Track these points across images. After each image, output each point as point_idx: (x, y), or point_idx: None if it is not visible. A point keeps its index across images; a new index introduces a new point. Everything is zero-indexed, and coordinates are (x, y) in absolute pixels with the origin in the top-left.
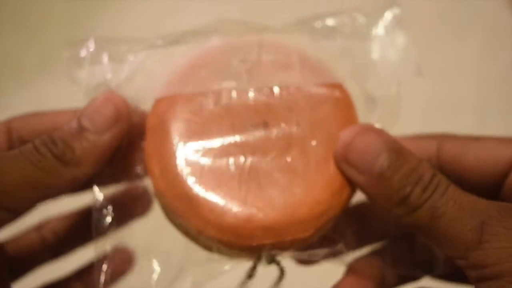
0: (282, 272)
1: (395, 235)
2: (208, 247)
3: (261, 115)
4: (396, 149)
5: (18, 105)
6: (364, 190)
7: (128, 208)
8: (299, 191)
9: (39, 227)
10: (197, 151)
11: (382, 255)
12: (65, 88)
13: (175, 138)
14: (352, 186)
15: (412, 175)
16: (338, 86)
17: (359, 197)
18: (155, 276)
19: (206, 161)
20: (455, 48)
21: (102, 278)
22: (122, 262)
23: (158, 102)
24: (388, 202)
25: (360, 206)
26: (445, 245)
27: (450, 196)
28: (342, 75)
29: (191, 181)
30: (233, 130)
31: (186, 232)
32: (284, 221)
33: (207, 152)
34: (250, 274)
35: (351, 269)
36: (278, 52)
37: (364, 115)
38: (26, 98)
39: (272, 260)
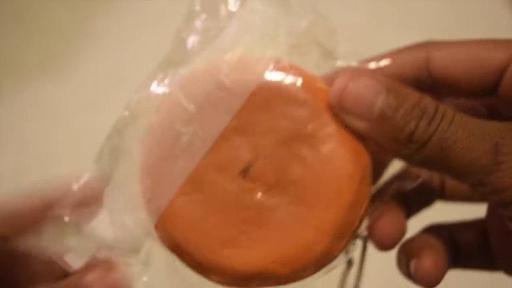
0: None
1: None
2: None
3: (241, 157)
4: (394, 87)
5: (18, 104)
6: (369, 136)
7: None
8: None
9: None
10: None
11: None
12: (64, 87)
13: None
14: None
15: (415, 110)
16: (277, 64)
17: None
18: None
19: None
20: None
21: None
22: None
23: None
24: (395, 143)
25: None
26: (460, 174)
27: (457, 124)
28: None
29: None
30: (227, 190)
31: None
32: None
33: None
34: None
35: (382, 209)
36: (199, 85)
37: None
38: (25, 98)
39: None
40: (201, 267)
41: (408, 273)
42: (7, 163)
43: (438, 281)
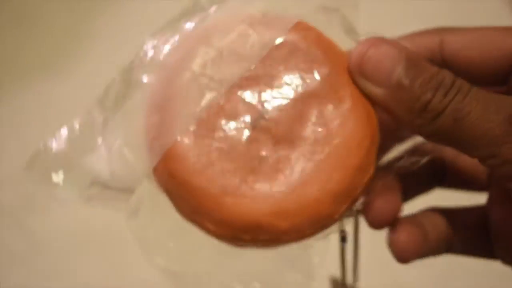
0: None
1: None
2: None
3: (254, 107)
4: (413, 58)
5: (18, 104)
6: (384, 104)
7: None
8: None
9: None
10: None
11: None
12: (65, 87)
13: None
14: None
15: (432, 81)
16: (299, 24)
17: None
18: None
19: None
20: None
21: None
22: None
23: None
24: (409, 112)
25: None
26: (472, 146)
27: (473, 96)
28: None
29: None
30: (237, 141)
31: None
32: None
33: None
34: (343, 237)
35: (381, 187)
36: (228, 30)
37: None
38: (26, 98)
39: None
40: (197, 213)
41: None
42: (7, 163)
43: (412, 257)
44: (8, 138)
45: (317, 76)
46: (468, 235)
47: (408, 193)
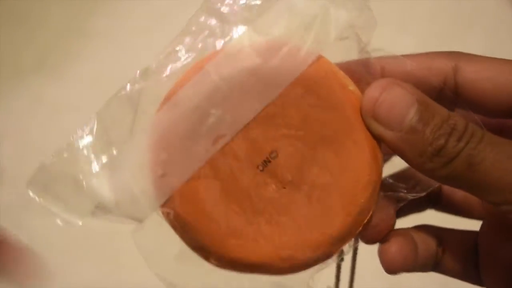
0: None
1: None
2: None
3: (263, 149)
4: (425, 101)
5: (17, 105)
6: (394, 147)
7: None
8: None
9: None
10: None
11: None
12: (63, 88)
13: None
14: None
15: (444, 126)
16: (315, 60)
17: None
18: None
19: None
20: (456, 48)
21: None
22: None
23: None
24: (421, 156)
25: None
26: (486, 192)
27: (487, 142)
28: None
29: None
30: (246, 187)
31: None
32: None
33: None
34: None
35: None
36: (229, 70)
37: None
38: (24, 98)
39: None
40: (202, 250)
41: None
42: (6, 163)
43: (400, 269)
44: (7, 138)
45: (329, 119)
46: (457, 258)
47: (401, 211)
